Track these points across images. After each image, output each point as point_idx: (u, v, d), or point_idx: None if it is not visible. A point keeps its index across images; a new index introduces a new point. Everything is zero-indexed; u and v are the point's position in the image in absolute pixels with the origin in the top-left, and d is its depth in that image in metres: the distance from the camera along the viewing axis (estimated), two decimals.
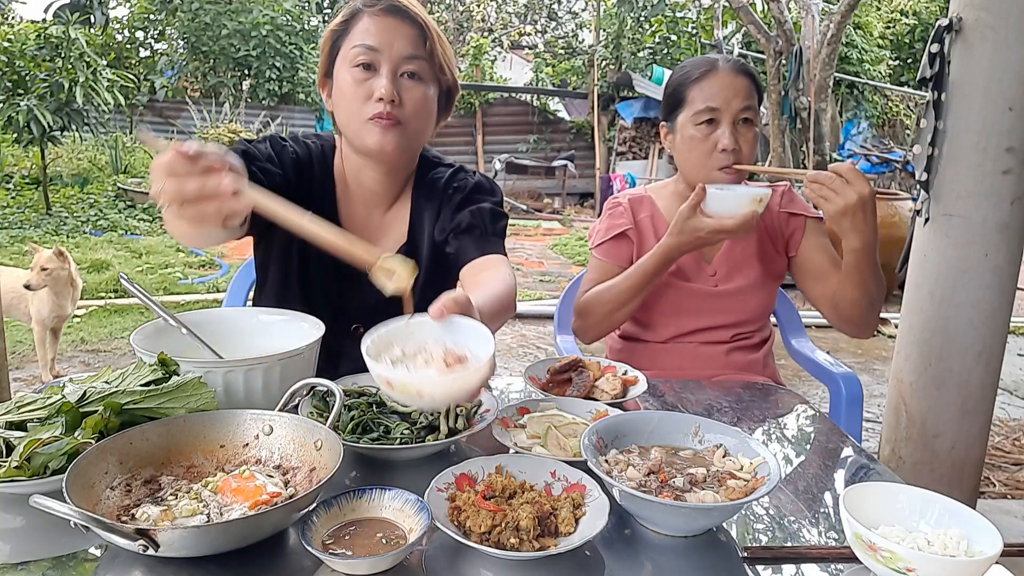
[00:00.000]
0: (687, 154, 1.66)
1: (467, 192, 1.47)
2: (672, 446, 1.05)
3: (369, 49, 1.30)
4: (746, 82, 1.62)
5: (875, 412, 3.72)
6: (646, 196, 1.79)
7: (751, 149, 1.64)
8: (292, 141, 1.46)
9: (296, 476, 0.95)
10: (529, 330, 5.05)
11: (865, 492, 0.88)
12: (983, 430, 2.31)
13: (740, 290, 1.72)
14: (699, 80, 1.63)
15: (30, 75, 7.51)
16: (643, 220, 1.75)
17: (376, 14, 1.31)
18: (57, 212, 7.90)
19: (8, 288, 3.62)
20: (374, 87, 1.30)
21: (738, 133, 1.61)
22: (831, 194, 1.41)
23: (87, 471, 0.86)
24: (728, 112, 1.60)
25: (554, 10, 16.05)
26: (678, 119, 1.67)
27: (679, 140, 1.68)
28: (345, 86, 1.32)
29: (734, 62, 1.66)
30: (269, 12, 11.57)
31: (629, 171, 10.55)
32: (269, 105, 11.51)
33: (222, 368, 1.08)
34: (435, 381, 0.86)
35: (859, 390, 1.78)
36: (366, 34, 1.31)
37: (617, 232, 1.73)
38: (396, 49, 1.31)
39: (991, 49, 2.08)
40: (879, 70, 11.74)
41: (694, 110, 1.62)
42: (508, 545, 0.82)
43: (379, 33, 1.30)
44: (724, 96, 1.60)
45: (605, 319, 1.64)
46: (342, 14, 1.37)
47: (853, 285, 1.55)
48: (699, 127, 1.62)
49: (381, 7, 1.32)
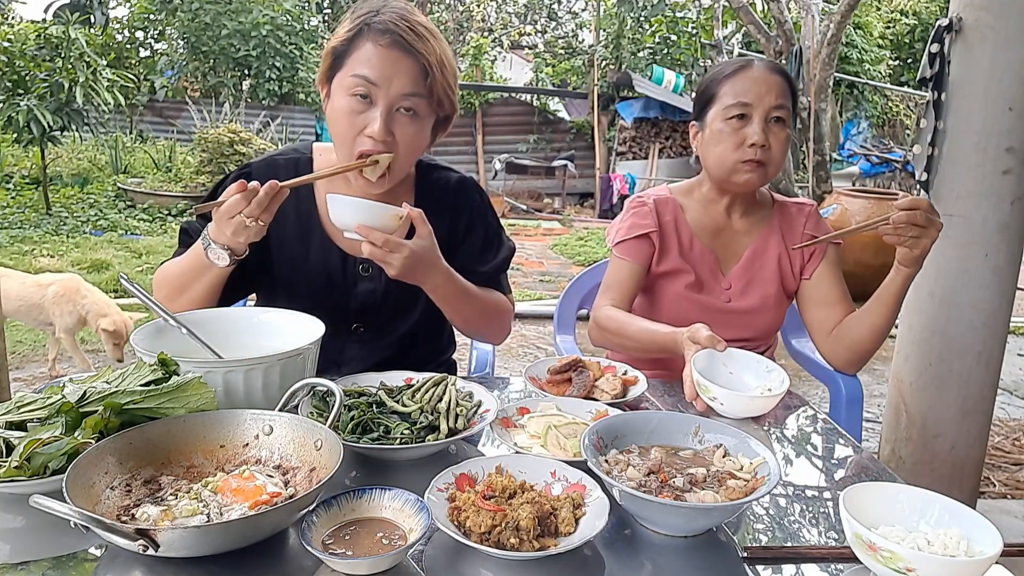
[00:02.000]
0: (714, 147, 1.61)
1: (476, 209, 1.56)
2: (672, 446, 1.05)
3: (367, 82, 1.28)
4: (780, 80, 1.59)
5: (875, 412, 3.72)
6: (671, 198, 1.74)
7: (781, 150, 1.60)
8: (258, 166, 1.47)
9: (296, 476, 0.95)
10: (529, 330, 5.05)
11: (865, 492, 0.88)
12: (983, 430, 2.32)
13: (753, 308, 1.69)
14: (732, 76, 1.60)
15: (30, 75, 7.51)
16: (668, 223, 1.70)
17: (382, 45, 1.29)
18: (57, 212, 7.90)
19: (17, 295, 3.59)
20: (367, 121, 1.29)
21: (769, 130, 1.56)
22: (921, 231, 1.38)
23: (87, 471, 0.86)
24: (760, 108, 1.56)
25: (554, 10, 16.05)
26: (708, 115, 1.63)
27: (707, 135, 1.63)
28: (340, 112, 1.31)
29: (769, 62, 1.63)
30: (269, 12, 11.56)
31: (629, 171, 10.54)
32: (269, 105, 11.51)
33: (222, 368, 1.08)
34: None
35: (859, 390, 1.78)
36: (367, 65, 1.28)
37: (640, 232, 1.69)
38: (395, 87, 1.29)
39: (991, 49, 2.08)
40: (879, 70, 11.75)
41: (724, 104, 1.59)
42: (508, 545, 0.82)
43: (380, 66, 1.28)
44: (757, 91, 1.56)
45: (618, 348, 1.66)
46: (348, 26, 1.33)
47: (887, 314, 1.55)
48: (729, 121, 1.58)
49: (388, 40, 1.29)
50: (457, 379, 1.22)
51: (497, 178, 10.91)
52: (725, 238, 1.72)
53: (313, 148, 1.52)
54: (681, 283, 1.68)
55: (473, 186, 1.59)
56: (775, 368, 1.34)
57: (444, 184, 1.55)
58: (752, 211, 1.73)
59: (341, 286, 1.46)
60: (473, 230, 1.55)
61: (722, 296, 1.70)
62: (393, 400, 1.14)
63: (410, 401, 1.13)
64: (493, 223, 1.59)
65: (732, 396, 1.25)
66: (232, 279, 1.35)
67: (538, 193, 11.24)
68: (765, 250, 1.71)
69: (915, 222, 1.37)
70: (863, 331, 1.60)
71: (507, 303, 1.57)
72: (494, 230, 1.58)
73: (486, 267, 1.54)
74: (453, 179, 1.56)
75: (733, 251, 1.72)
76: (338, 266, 1.46)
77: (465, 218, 1.54)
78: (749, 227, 1.72)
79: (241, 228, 1.19)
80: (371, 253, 1.21)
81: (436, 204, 1.51)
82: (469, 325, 1.52)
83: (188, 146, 9.99)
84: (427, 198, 1.52)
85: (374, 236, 1.19)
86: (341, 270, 1.46)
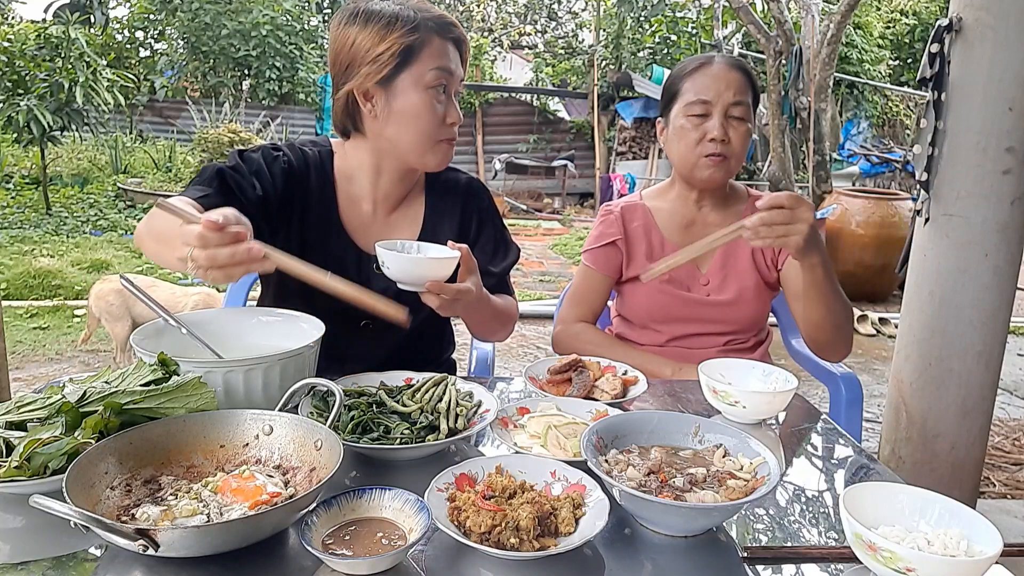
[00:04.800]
0: (677, 143, 1.67)
1: (485, 212, 1.60)
2: (672, 446, 1.05)
3: (447, 73, 1.37)
4: (740, 77, 1.62)
5: (875, 412, 3.72)
6: (640, 204, 1.79)
7: (742, 144, 1.64)
8: (288, 149, 1.47)
9: (296, 476, 0.95)
10: (529, 330, 5.05)
11: (865, 492, 0.88)
12: (983, 430, 2.31)
13: (733, 300, 1.71)
14: (693, 73, 1.65)
15: (30, 75, 7.51)
16: (635, 229, 1.75)
17: (447, 39, 1.37)
18: (57, 212, 7.90)
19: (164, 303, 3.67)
20: (446, 110, 1.39)
21: (728, 126, 1.61)
22: (786, 228, 1.29)
23: (87, 471, 0.86)
24: (720, 104, 1.61)
25: (554, 10, 16.03)
26: (672, 111, 1.69)
27: (671, 131, 1.69)
28: (421, 107, 1.36)
29: (729, 58, 1.67)
30: (269, 12, 11.55)
31: (629, 171, 10.54)
32: (269, 105, 11.50)
33: (222, 368, 1.08)
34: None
35: (859, 390, 1.78)
36: (445, 57, 1.37)
37: (606, 241, 1.75)
38: (457, 75, 1.40)
39: (991, 49, 2.08)
40: (879, 70, 11.74)
41: (686, 101, 1.64)
42: (508, 545, 0.82)
43: (453, 58, 1.39)
44: (716, 88, 1.61)
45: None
46: (405, 28, 1.33)
47: (816, 304, 1.50)
48: (690, 118, 1.63)
49: (453, 35, 1.38)
50: (457, 379, 1.22)
51: (497, 178, 10.91)
52: (697, 232, 1.74)
53: (332, 143, 1.54)
54: (655, 280, 1.68)
55: (481, 188, 1.62)
56: (774, 370, 1.34)
57: (453, 185, 1.58)
58: (724, 206, 1.76)
59: (356, 281, 1.46)
60: (483, 232, 1.58)
61: (702, 291, 1.72)
62: (393, 400, 1.14)
63: (410, 401, 1.13)
64: (500, 226, 1.62)
65: (754, 396, 1.24)
66: None
67: (538, 193, 11.24)
68: (739, 244, 1.71)
69: (773, 221, 1.28)
70: (808, 327, 1.60)
71: (515, 305, 1.60)
72: (502, 232, 1.61)
73: (497, 269, 1.56)
74: (462, 180, 1.59)
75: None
76: (354, 262, 1.47)
77: (475, 220, 1.57)
78: (721, 221, 1.74)
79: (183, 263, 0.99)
80: (441, 305, 1.21)
81: (445, 205, 1.54)
82: (482, 328, 1.55)
83: (188, 146, 9.99)
84: (437, 198, 1.55)
85: (447, 291, 1.20)
86: (356, 266, 1.47)
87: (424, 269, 1.20)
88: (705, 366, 1.32)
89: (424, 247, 1.32)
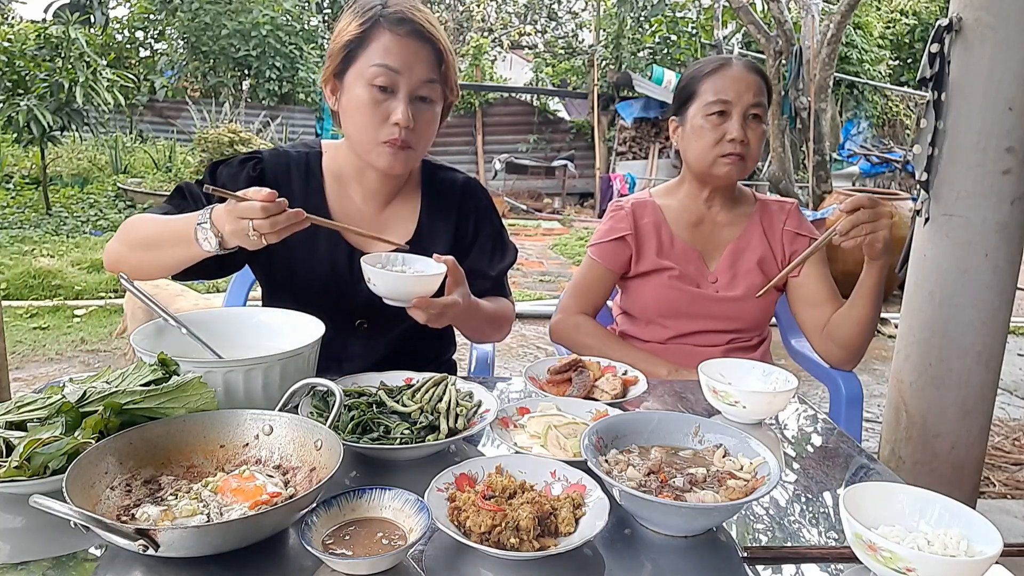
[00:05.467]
0: (695, 142, 1.69)
1: (483, 212, 1.58)
2: (672, 446, 1.05)
3: (390, 71, 1.30)
4: (758, 80, 1.66)
5: (875, 412, 3.72)
6: (650, 201, 1.80)
7: (758, 144, 1.68)
8: (270, 156, 1.47)
9: (296, 476, 0.95)
10: (529, 330, 5.05)
11: (865, 492, 0.88)
12: (983, 430, 2.31)
13: (740, 298, 1.73)
14: (712, 74, 1.67)
15: (30, 75, 7.50)
16: (645, 225, 1.76)
17: (400, 34, 1.31)
18: (57, 212, 7.90)
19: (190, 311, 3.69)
20: (390, 110, 1.32)
21: (747, 127, 1.65)
22: (872, 226, 1.39)
23: (87, 471, 0.86)
24: (739, 105, 1.64)
25: (554, 10, 16.02)
26: (688, 111, 1.70)
27: (688, 131, 1.71)
28: (361, 104, 1.32)
29: (747, 61, 1.71)
30: (269, 12, 11.55)
31: (629, 171, 10.53)
32: (269, 105, 11.50)
33: (222, 368, 1.08)
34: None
35: (859, 390, 1.78)
36: (387, 54, 1.30)
37: (616, 236, 1.75)
38: (415, 73, 1.32)
39: (991, 49, 2.08)
40: (879, 70, 11.74)
41: (705, 101, 1.66)
42: (508, 545, 0.82)
43: (400, 55, 1.31)
44: (736, 90, 1.64)
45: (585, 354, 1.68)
46: (357, 20, 1.33)
47: (868, 304, 1.58)
48: (709, 118, 1.65)
49: (406, 29, 1.31)
50: (457, 379, 1.22)
51: (497, 178, 10.91)
52: (706, 230, 1.77)
53: (322, 145, 1.53)
54: (664, 276, 1.73)
55: (479, 188, 1.61)
56: (774, 370, 1.34)
57: (450, 185, 1.56)
58: (732, 205, 1.79)
59: (348, 281, 1.46)
60: (481, 233, 1.57)
61: (710, 288, 1.74)
62: (393, 400, 1.14)
63: (410, 401, 1.13)
64: (498, 225, 1.61)
65: (754, 396, 1.24)
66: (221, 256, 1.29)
67: (538, 193, 11.24)
68: (747, 246, 1.76)
69: (861, 221, 1.39)
70: (850, 326, 1.64)
71: (511, 307, 1.60)
72: (499, 233, 1.60)
73: (495, 271, 1.56)
74: (459, 180, 1.58)
75: (715, 244, 1.77)
76: (344, 262, 1.47)
77: (472, 220, 1.56)
78: (730, 220, 1.78)
79: (242, 234, 1.13)
80: (428, 319, 1.23)
81: (442, 205, 1.53)
82: (475, 333, 1.56)
83: (188, 146, 9.99)
84: (433, 199, 1.54)
85: (433, 306, 1.22)
86: (347, 266, 1.46)
87: (410, 286, 1.22)
88: (705, 366, 1.32)
89: (410, 260, 1.31)
